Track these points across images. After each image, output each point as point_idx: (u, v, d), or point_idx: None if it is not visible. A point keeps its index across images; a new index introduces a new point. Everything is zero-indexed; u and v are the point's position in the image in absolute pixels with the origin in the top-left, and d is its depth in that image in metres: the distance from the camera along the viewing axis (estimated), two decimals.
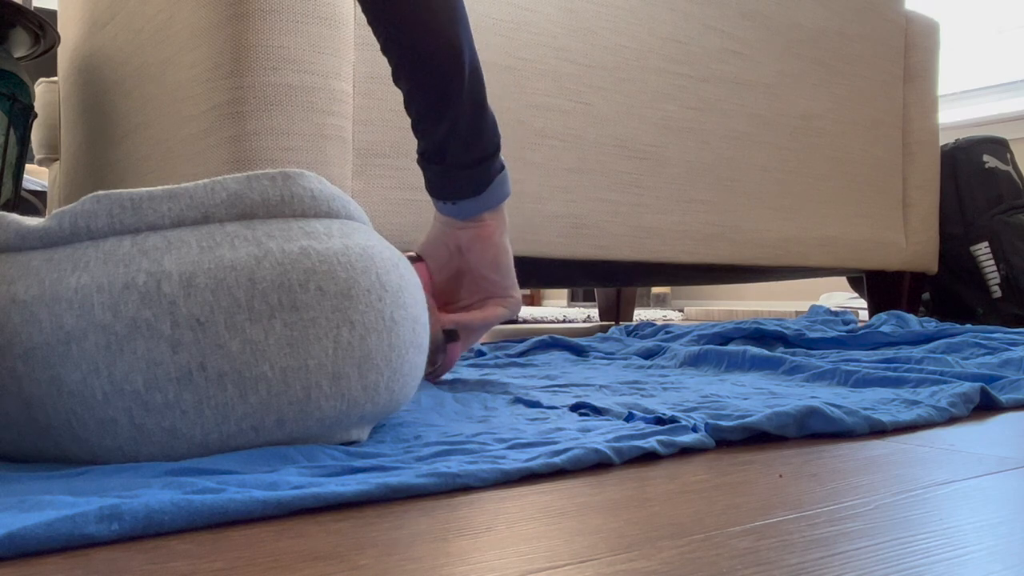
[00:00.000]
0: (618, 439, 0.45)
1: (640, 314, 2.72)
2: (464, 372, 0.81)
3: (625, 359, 0.93)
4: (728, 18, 1.44)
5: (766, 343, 1.06)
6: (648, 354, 0.97)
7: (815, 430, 0.51)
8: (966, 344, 0.97)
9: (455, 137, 0.62)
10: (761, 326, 1.08)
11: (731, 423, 0.49)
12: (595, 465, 0.42)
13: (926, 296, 2.01)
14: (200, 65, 1.05)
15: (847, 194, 1.64)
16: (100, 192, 0.41)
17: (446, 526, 0.31)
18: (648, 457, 0.44)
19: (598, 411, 0.56)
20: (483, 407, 0.58)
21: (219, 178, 0.43)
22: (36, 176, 2.05)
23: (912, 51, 1.75)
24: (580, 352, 1.00)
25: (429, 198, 1.12)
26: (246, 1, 0.99)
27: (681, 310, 3.39)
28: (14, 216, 0.42)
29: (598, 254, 1.29)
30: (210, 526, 0.30)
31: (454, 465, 0.38)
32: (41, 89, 1.60)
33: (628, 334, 1.27)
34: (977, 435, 0.52)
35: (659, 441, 0.45)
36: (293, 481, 0.34)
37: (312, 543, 0.28)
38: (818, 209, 1.59)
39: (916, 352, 0.90)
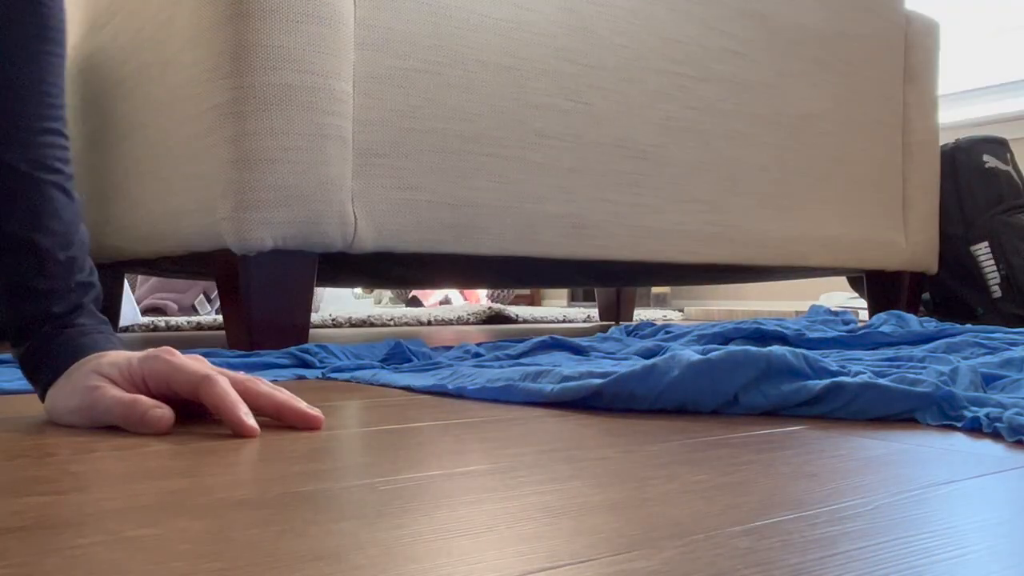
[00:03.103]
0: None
1: (640, 314, 2.72)
2: (465, 372, 0.81)
3: (626, 359, 0.93)
4: (728, 18, 1.44)
5: (766, 343, 1.06)
6: (648, 354, 0.97)
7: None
8: (966, 344, 0.97)
9: None
10: (761, 326, 1.08)
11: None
12: (595, 463, 0.42)
13: (926, 296, 2.01)
14: (200, 65, 1.05)
15: (847, 194, 1.64)
16: None
17: (446, 526, 0.31)
18: (648, 455, 0.44)
19: None
20: None
21: None
22: None
23: (912, 51, 1.75)
24: (581, 352, 1.00)
25: (429, 198, 1.12)
26: (246, 1, 0.99)
27: (681, 310, 3.39)
28: None
29: (598, 254, 1.29)
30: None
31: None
32: None
33: (628, 334, 1.27)
34: (977, 435, 0.52)
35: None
36: None
37: (312, 543, 0.28)
38: (818, 209, 1.59)
39: (917, 352, 0.90)
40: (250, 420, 0.50)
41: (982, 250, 1.87)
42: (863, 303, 2.66)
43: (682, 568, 0.26)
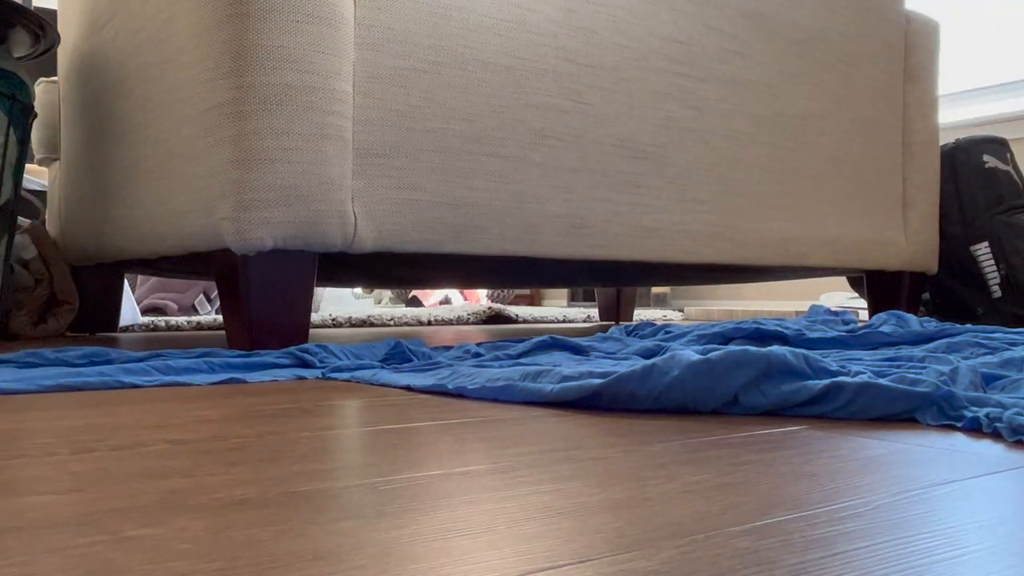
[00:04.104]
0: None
1: (640, 314, 2.72)
2: (466, 371, 0.81)
3: (626, 359, 0.93)
4: (728, 18, 1.44)
5: (766, 343, 1.06)
6: (648, 354, 0.97)
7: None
8: (966, 344, 0.97)
9: None
10: (761, 326, 1.08)
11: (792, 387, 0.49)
12: (595, 463, 0.42)
13: (926, 296, 2.01)
14: (200, 65, 1.05)
15: (847, 194, 1.64)
16: None
17: (446, 526, 0.31)
18: (648, 455, 0.44)
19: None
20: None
21: None
22: (36, 176, 2.05)
23: (912, 51, 1.75)
24: (581, 352, 1.00)
25: (429, 198, 1.12)
26: (246, 1, 0.99)
27: (681, 310, 3.39)
28: None
29: (598, 254, 1.29)
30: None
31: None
32: (41, 89, 1.60)
33: (628, 334, 1.27)
34: (977, 435, 0.52)
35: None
36: None
37: (312, 543, 0.28)
38: (818, 209, 1.59)
39: (917, 352, 0.90)
40: None
41: (982, 250, 1.87)
42: (863, 303, 2.66)
43: (682, 568, 0.26)
